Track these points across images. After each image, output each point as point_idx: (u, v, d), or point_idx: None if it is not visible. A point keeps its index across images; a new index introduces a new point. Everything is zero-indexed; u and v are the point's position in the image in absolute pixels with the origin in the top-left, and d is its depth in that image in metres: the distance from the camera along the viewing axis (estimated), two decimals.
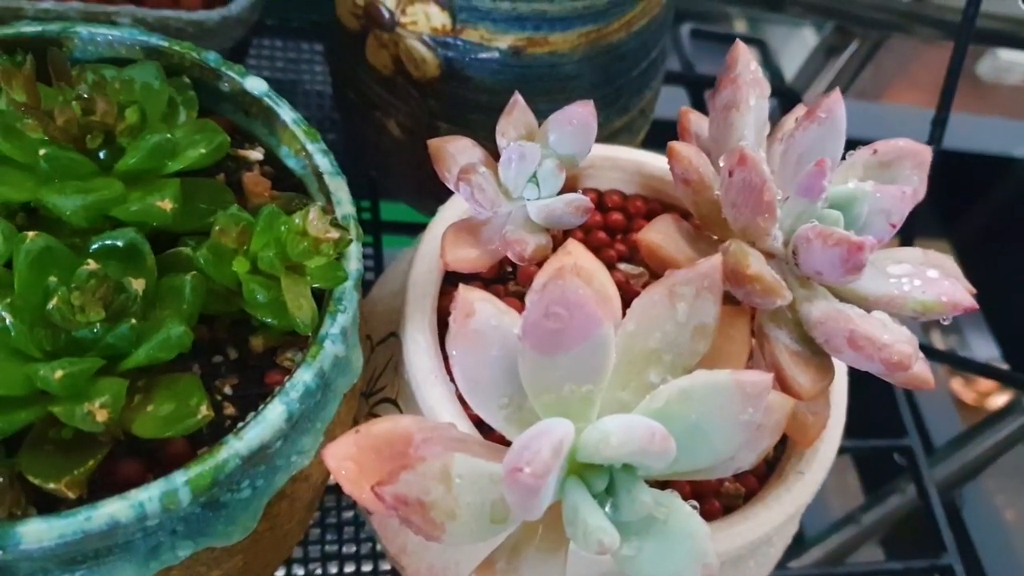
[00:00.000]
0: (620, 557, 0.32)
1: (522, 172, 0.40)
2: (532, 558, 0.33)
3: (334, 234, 0.33)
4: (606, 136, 0.58)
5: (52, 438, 0.31)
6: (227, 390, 0.36)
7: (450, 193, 0.59)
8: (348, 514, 0.56)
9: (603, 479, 0.31)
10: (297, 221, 0.33)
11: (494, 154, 0.43)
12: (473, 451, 0.33)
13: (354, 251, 0.38)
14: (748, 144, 0.37)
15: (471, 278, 0.48)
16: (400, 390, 0.45)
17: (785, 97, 0.90)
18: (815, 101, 0.39)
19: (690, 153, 0.38)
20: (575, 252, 0.36)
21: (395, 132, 0.57)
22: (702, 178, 0.38)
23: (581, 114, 0.41)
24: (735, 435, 0.31)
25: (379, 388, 0.47)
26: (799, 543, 0.97)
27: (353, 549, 0.55)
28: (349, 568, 0.53)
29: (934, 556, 0.65)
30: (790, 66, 1.03)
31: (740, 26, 1.38)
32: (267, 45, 0.74)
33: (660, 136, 0.59)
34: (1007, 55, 1.54)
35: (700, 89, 0.85)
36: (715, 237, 0.39)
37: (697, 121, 0.42)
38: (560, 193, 0.41)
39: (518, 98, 0.42)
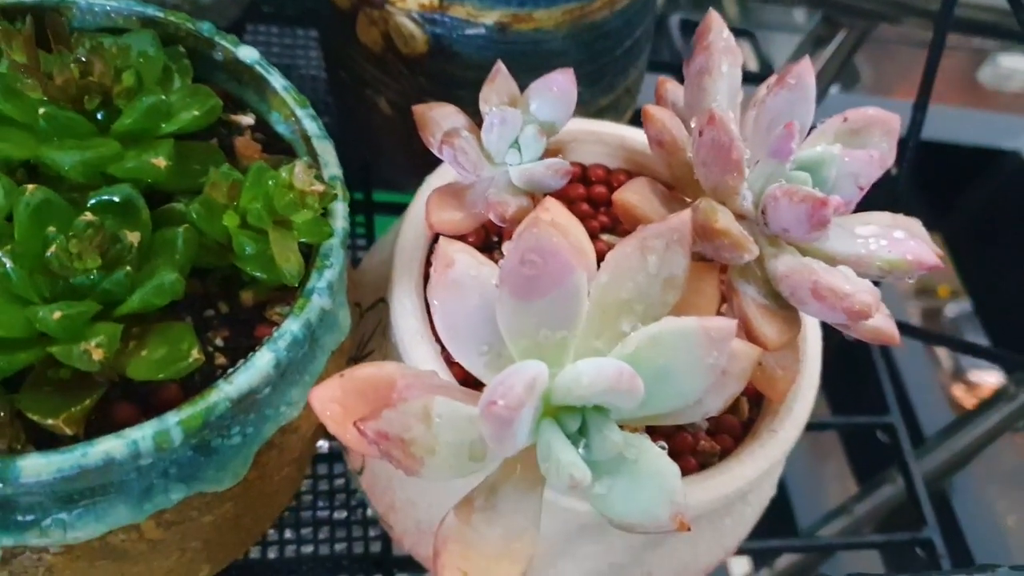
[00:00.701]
0: (592, 496, 0.33)
1: (504, 137, 0.41)
2: (509, 496, 0.34)
3: (318, 187, 0.35)
4: (592, 114, 0.60)
5: (51, 378, 0.33)
6: (218, 342, 0.37)
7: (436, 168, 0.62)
8: (339, 482, 0.57)
9: (576, 420, 0.33)
10: (283, 175, 0.35)
11: (479, 124, 0.44)
12: (453, 395, 0.34)
13: (340, 210, 0.39)
14: (719, 107, 0.39)
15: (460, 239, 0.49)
16: (387, 353, 0.46)
17: None
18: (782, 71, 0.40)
19: (664, 116, 0.39)
20: (552, 209, 0.37)
21: (386, 110, 0.59)
22: (675, 140, 0.39)
23: (561, 81, 0.42)
24: (701, 378, 0.33)
25: (368, 352, 0.48)
26: (791, 532, 0.98)
27: (344, 515, 0.56)
28: (340, 533, 0.55)
29: (915, 530, 0.66)
30: (780, 59, 1.04)
31: (733, 16, 1.40)
32: (263, 31, 0.76)
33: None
34: (1008, 61, 1.55)
35: None
36: (688, 199, 0.41)
37: (673, 90, 0.43)
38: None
39: (500, 66, 0.43)
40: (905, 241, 0.39)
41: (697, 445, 0.45)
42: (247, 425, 0.36)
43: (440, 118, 0.43)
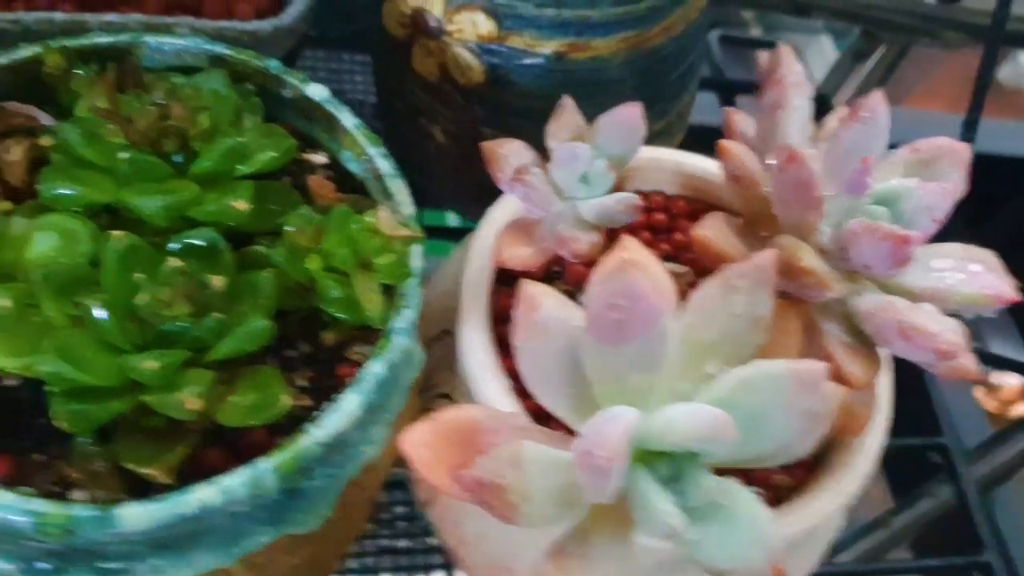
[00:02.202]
0: (686, 542, 0.33)
1: (573, 172, 0.41)
2: (601, 542, 0.34)
3: (404, 231, 0.35)
4: (644, 140, 0.60)
5: (144, 426, 0.33)
6: (301, 382, 0.38)
7: (492, 196, 0.62)
8: (400, 509, 0.57)
9: (667, 466, 0.33)
10: (368, 219, 0.35)
11: (541, 156, 0.44)
12: (538, 438, 0.34)
13: (416, 249, 0.39)
14: (796, 143, 0.39)
15: (520, 278, 0.49)
16: (456, 386, 0.46)
17: (814, 101, 0.91)
18: (854, 104, 0.40)
19: (741, 151, 0.39)
20: (631, 248, 0.37)
21: (439, 138, 0.59)
22: (752, 175, 0.39)
23: (629, 116, 0.42)
24: (794, 423, 0.33)
25: (433, 384, 0.48)
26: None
27: (406, 544, 0.56)
28: (403, 561, 0.55)
29: (973, 553, 0.66)
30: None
31: (756, 32, 1.39)
32: (308, 56, 0.76)
33: (693, 141, 0.61)
34: None
35: (731, 93, 0.87)
36: (763, 233, 0.41)
37: (742, 121, 0.43)
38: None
39: (567, 101, 0.43)
40: (982, 275, 0.39)
41: (771, 479, 0.45)
42: (332, 466, 0.36)
43: (508, 154, 0.43)
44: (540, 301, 0.34)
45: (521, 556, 0.46)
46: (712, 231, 0.39)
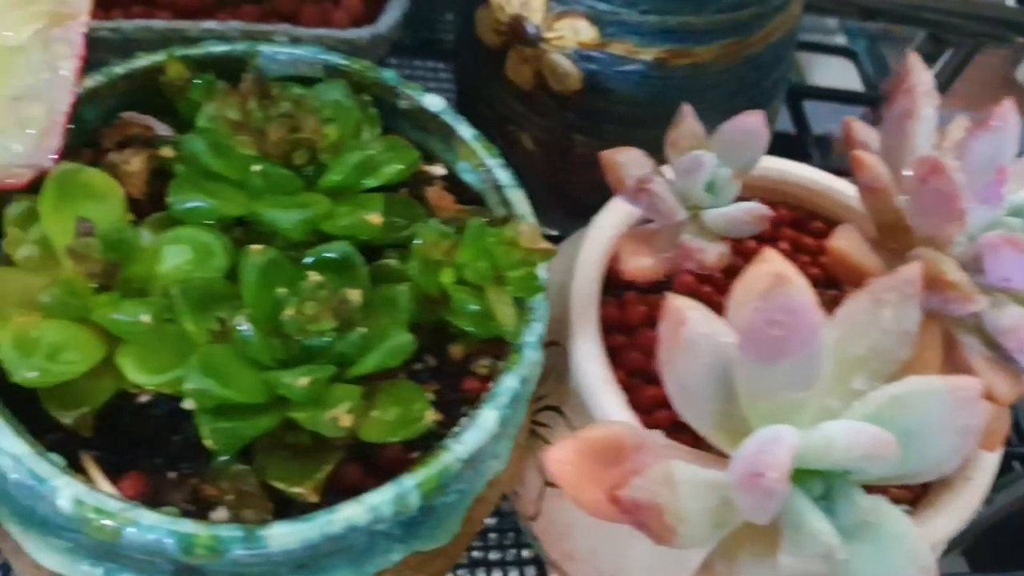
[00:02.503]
0: (836, 562, 0.32)
1: (698, 181, 0.41)
2: (747, 562, 0.33)
3: (544, 245, 0.34)
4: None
5: (289, 443, 0.32)
6: (429, 396, 0.37)
7: (577, 204, 0.61)
8: (490, 521, 0.57)
9: (819, 484, 0.32)
10: (508, 233, 0.34)
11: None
12: (685, 457, 0.33)
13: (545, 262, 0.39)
14: (934, 153, 0.38)
15: (627, 288, 0.49)
16: (565, 398, 0.45)
17: (881, 105, 0.90)
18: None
19: (875, 163, 0.38)
20: (773, 260, 0.37)
21: (528, 146, 0.58)
22: (886, 187, 0.38)
23: (752, 123, 0.42)
24: (948, 439, 0.32)
25: (540, 396, 0.47)
26: None
27: (498, 556, 0.55)
28: (496, 574, 0.54)
29: None
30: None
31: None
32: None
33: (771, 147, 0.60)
34: None
35: (800, 99, 0.86)
36: (892, 245, 0.40)
37: (862, 131, 0.43)
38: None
39: (687, 109, 0.43)
40: None
41: (887, 491, 0.44)
42: (465, 482, 0.36)
43: (627, 162, 0.42)
44: (686, 315, 0.33)
45: (633, 573, 0.45)
46: (848, 243, 0.39)
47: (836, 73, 1.03)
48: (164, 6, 0.53)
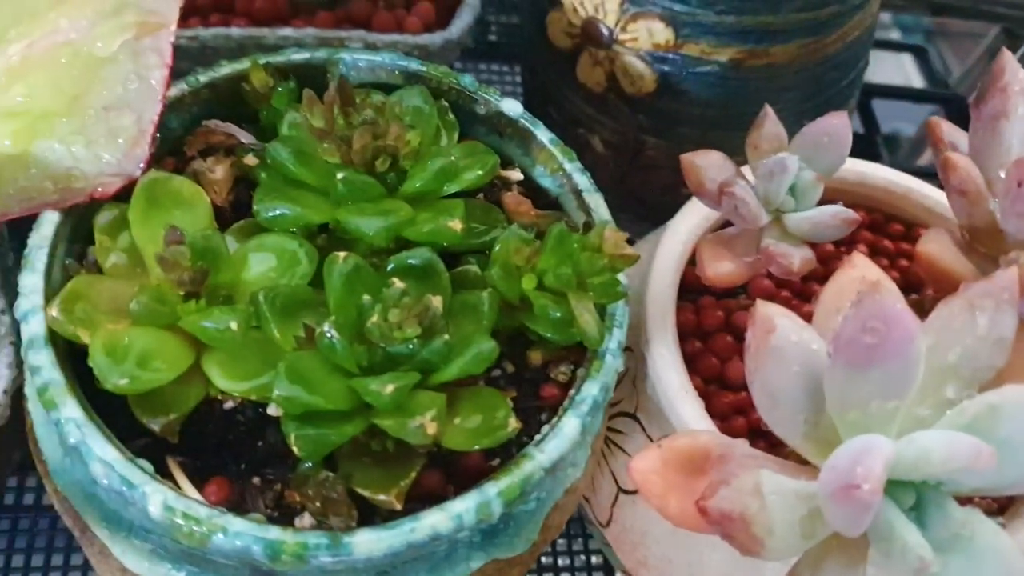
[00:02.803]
0: (928, 574, 0.32)
1: (782, 184, 0.40)
2: (835, 573, 0.33)
3: (628, 251, 0.34)
4: None
5: (373, 450, 0.32)
6: (507, 402, 0.37)
7: (646, 207, 0.61)
8: None
9: (910, 496, 0.31)
10: (592, 239, 0.34)
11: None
12: (772, 467, 0.33)
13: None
14: (1022, 154, 0.37)
15: (702, 292, 0.48)
16: (641, 404, 0.45)
17: (951, 104, 0.88)
18: None
19: (967, 165, 0.37)
20: (862, 265, 0.36)
21: (598, 148, 0.58)
22: (979, 189, 0.37)
23: (835, 126, 0.41)
24: None
25: (615, 402, 0.47)
26: None
27: (565, 562, 0.55)
28: None
29: None
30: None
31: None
32: None
33: None
34: None
35: (867, 97, 0.84)
36: (982, 249, 0.39)
37: (950, 131, 0.42)
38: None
39: (768, 111, 0.42)
40: None
41: (971, 502, 0.43)
42: (545, 490, 0.36)
43: (708, 166, 0.42)
44: (776, 323, 0.32)
45: None
46: (937, 247, 0.38)
47: (889, 70, 1.01)
48: (241, 14, 0.53)
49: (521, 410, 0.37)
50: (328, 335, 0.32)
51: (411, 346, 0.32)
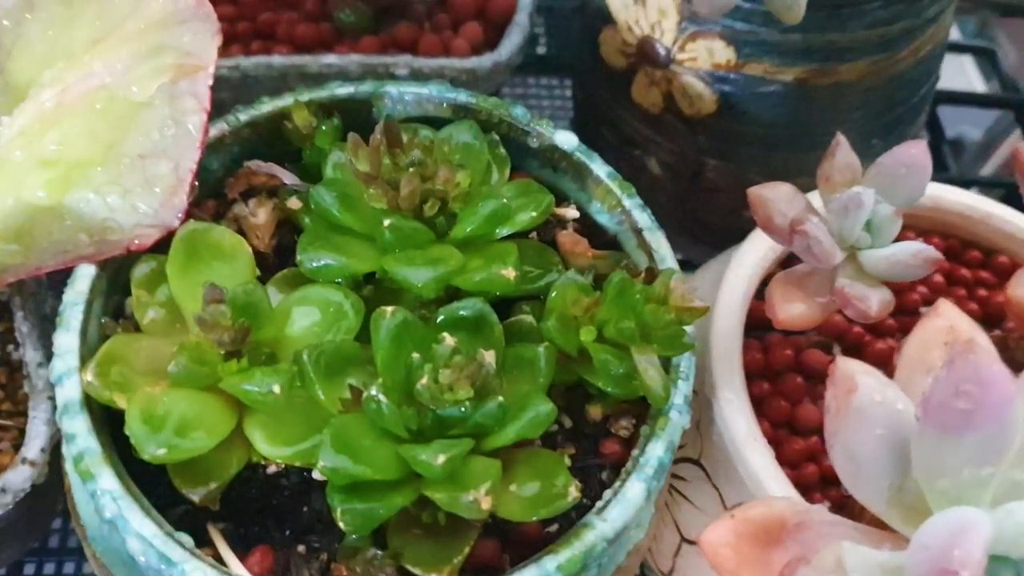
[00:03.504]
0: None
1: (857, 220, 0.37)
2: None
3: (697, 304, 0.32)
4: None
5: (424, 522, 0.30)
6: (565, 460, 0.35)
7: (706, 231, 0.58)
8: None
9: (1011, 571, 0.29)
10: (657, 289, 0.32)
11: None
12: (852, 536, 0.31)
13: None
14: None
15: (769, 329, 0.45)
16: (706, 451, 0.43)
17: (1022, 109, 0.84)
18: None
19: None
20: (948, 314, 0.33)
21: (655, 170, 0.56)
22: None
23: (914, 155, 0.38)
24: None
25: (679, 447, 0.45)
26: None
27: None
28: None
29: None
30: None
31: None
32: None
33: None
34: None
35: (932, 104, 0.80)
36: None
37: None
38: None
39: (840, 140, 0.39)
40: None
41: None
42: (605, 557, 0.33)
43: (778, 200, 0.39)
44: (857, 382, 0.30)
45: None
46: None
47: (950, 72, 0.96)
48: (283, 40, 0.52)
49: (580, 469, 0.35)
50: (376, 398, 0.30)
51: (463, 409, 0.30)
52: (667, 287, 0.32)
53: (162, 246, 0.34)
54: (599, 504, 0.32)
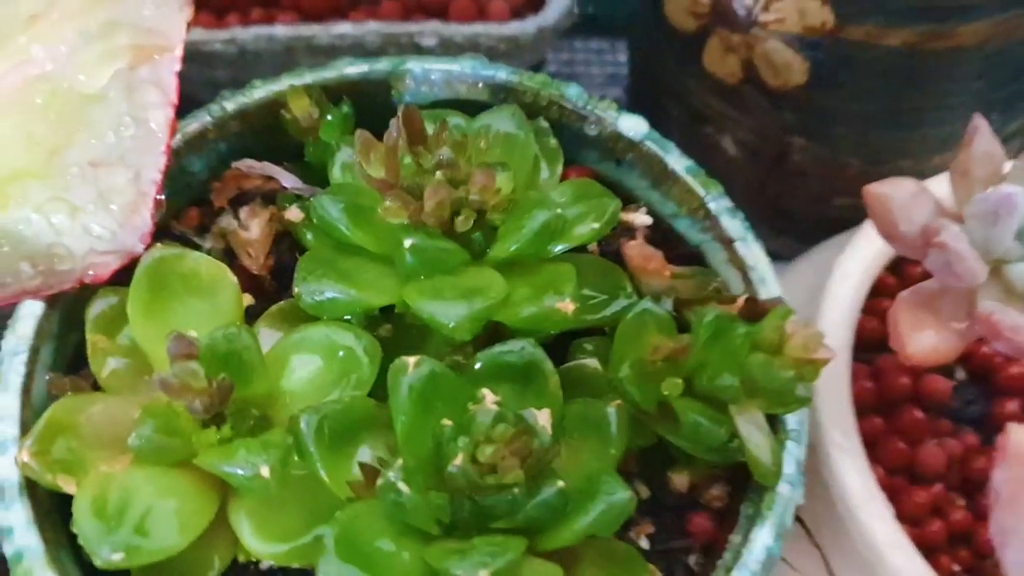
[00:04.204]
0: None
1: (1007, 228, 0.29)
2: None
3: (823, 354, 0.24)
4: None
5: None
6: (642, 542, 0.27)
7: (791, 220, 0.50)
8: None
9: None
10: (767, 334, 0.24)
11: None
12: None
13: None
14: None
15: (878, 350, 0.38)
16: (809, 504, 0.35)
17: None
18: None
19: None
20: None
21: (730, 150, 0.48)
22: None
23: None
24: None
25: None
26: None
27: None
28: None
29: None
30: None
31: None
32: None
33: None
34: None
35: None
36: None
37: None
38: None
39: (980, 124, 0.31)
40: None
41: None
42: None
43: (902, 200, 0.31)
44: None
45: None
46: None
47: None
48: (288, 7, 0.44)
49: (661, 553, 0.27)
50: (394, 486, 0.22)
51: (512, 497, 0.23)
52: (781, 332, 0.24)
53: (125, 276, 0.27)
54: None
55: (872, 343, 0.38)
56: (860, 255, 0.37)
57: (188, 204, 0.31)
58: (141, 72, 0.26)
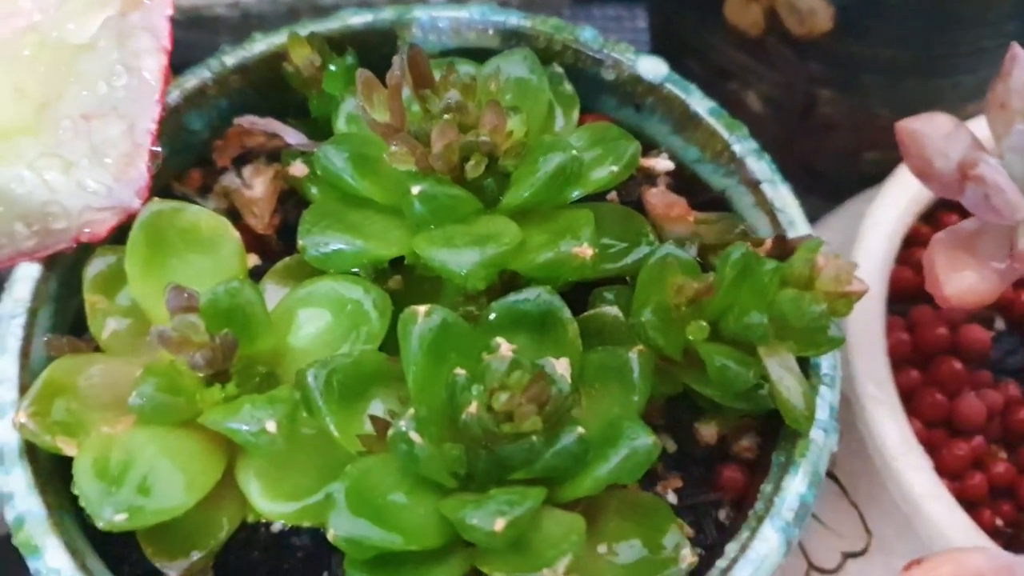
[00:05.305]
0: None
1: None
2: None
3: (857, 287, 0.22)
4: None
5: None
6: (669, 497, 0.26)
7: (819, 180, 0.48)
8: None
9: None
10: (797, 268, 0.23)
11: None
12: None
13: None
14: None
15: (912, 300, 0.36)
16: (843, 459, 0.33)
17: None
18: None
19: None
20: None
21: (755, 106, 0.46)
22: None
23: None
24: None
25: None
26: None
27: None
28: None
29: None
30: None
31: None
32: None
33: None
34: None
35: None
36: None
37: None
38: None
39: (1019, 53, 0.29)
40: None
41: None
42: None
43: (937, 136, 0.29)
44: None
45: None
46: None
47: None
48: None
49: (690, 508, 0.26)
50: (406, 436, 0.21)
51: (529, 445, 0.22)
52: (812, 264, 0.23)
53: (123, 235, 0.26)
54: (720, 564, 0.23)
55: (907, 294, 0.36)
56: (893, 203, 0.36)
57: (190, 164, 0.31)
58: (132, 18, 0.25)
